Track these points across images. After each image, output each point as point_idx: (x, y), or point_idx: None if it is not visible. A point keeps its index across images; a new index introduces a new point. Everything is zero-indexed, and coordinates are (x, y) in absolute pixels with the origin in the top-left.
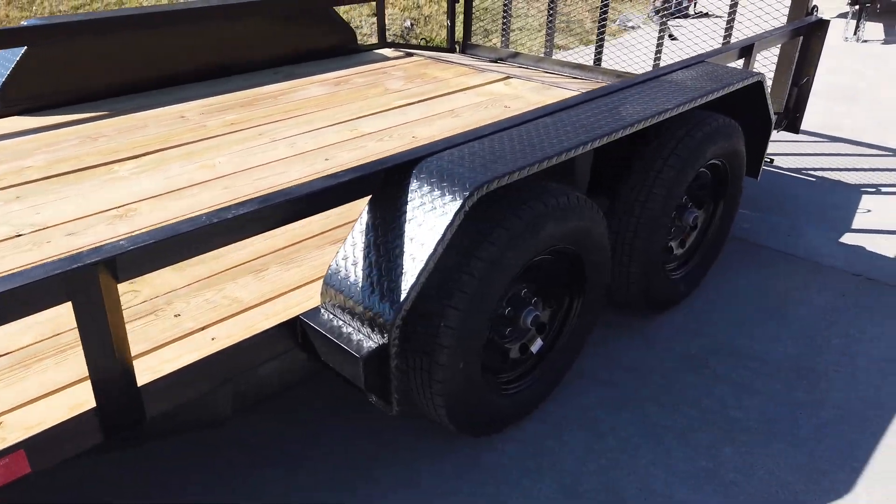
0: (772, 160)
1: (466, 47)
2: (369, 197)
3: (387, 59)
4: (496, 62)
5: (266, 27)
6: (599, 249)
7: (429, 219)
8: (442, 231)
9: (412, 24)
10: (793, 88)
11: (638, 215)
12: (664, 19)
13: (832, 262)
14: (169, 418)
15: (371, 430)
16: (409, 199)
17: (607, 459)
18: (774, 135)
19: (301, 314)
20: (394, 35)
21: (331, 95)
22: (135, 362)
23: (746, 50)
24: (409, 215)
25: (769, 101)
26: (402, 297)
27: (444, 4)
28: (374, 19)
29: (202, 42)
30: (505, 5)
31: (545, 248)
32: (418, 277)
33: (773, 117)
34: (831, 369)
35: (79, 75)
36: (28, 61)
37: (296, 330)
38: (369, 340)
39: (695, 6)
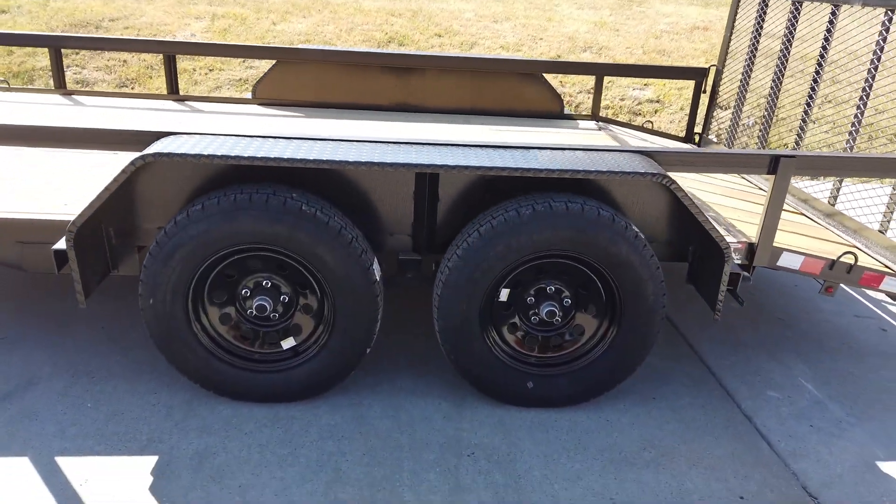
0: (741, 302)
1: (702, 140)
2: None
3: (576, 128)
4: None
5: (476, 82)
6: (325, 262)
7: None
8: (111, 178)
9: (753, 123)
10: None
11: (441, 271)
12: None
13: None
14: None
15: None
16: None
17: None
18: None
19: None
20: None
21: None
22: None
23: (773, 163)
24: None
25: (699, 219)
26: (78, 213)
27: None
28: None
29: (414, 84)
30: (734, 112)
31: (245, 241)
32: (90, 205)
33: (726, 245)
34: None
35: (304, 88)
36: (275, 71)
37: None
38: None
39: None
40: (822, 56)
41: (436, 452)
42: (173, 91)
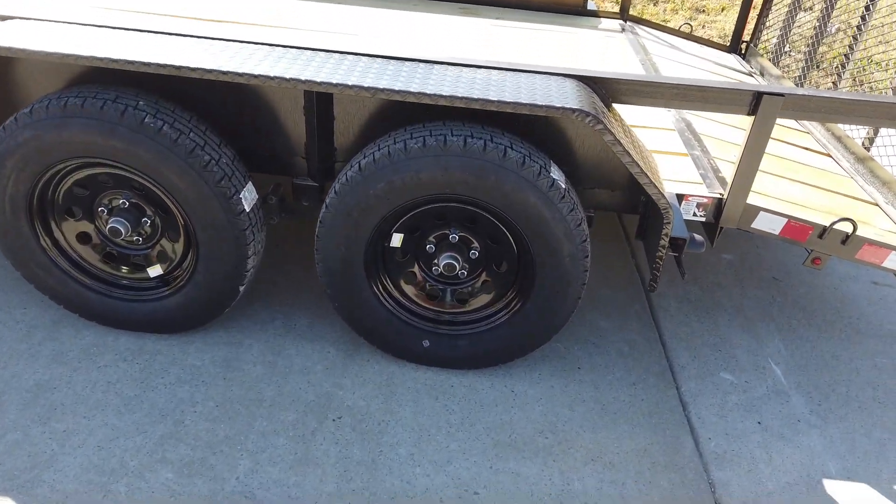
0: (683, 274)
1: (748, 51)
2: None
3: (595, 27)
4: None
5: None
6: (175, 185)
7: None
8: None
9: (836, 30)
10: None
11: (322, 206)
12: None
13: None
14: None
15: None
16: None
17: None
18: None
19: None
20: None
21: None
22: None
23: (755, 100)
24: None
25: (632, 170)
26: None
27: None
28: None
29: None
30: (782, 31)
31: (80, 152)
32: None
33: (664, 200)
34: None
35: None
36: None
37: None
38: None
39: None
40: None
41: (298, 412)
42: None
